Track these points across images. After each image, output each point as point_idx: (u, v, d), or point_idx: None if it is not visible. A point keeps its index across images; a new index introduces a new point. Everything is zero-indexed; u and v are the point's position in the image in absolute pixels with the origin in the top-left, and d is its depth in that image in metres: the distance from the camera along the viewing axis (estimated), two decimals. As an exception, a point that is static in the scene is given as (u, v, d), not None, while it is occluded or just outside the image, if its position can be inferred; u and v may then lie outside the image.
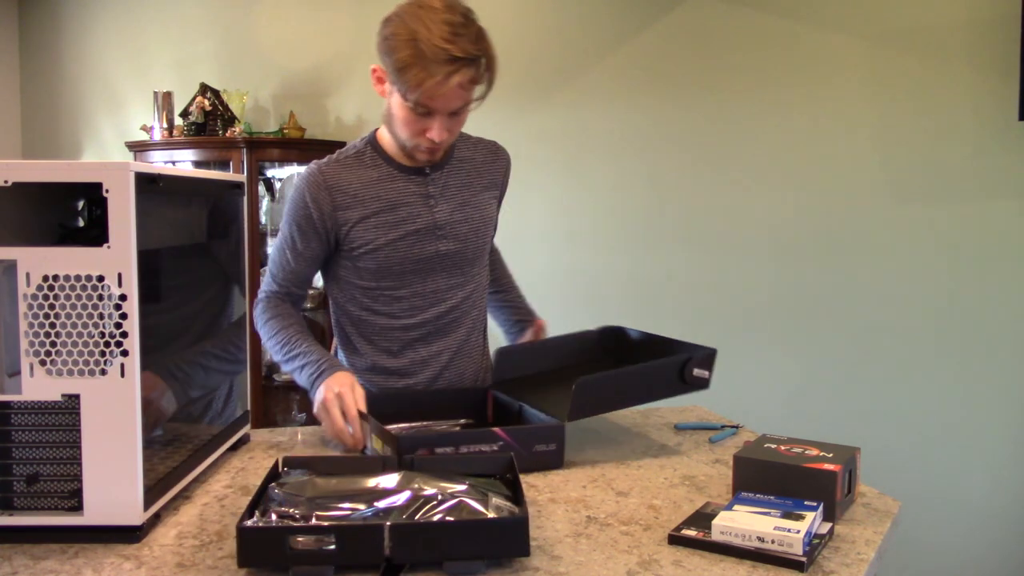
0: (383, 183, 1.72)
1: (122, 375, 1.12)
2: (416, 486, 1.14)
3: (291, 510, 1.09)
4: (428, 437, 1.44)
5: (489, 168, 1.85)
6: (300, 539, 1.03)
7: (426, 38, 1.50)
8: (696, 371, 1.54)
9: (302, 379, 1.65)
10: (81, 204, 1.27)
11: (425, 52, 1.50)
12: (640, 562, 1.10)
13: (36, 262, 1.11)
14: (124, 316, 1.12)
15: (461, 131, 1.81)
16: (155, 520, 1.20)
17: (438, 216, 1.74)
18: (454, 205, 1.76)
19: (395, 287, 1.74)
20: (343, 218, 1.70)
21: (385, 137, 1.75)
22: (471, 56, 1.54)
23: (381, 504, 1.10)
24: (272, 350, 1.73)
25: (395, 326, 1.77)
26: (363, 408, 1.54)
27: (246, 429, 1.63)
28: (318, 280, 1.85)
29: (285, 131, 4.01)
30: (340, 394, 1.54)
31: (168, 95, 4.15)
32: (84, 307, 1.12)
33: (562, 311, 3.61)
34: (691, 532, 1.15)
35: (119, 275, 1.11)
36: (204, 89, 4.09)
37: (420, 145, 1.66)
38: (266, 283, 1.79)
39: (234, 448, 1.57)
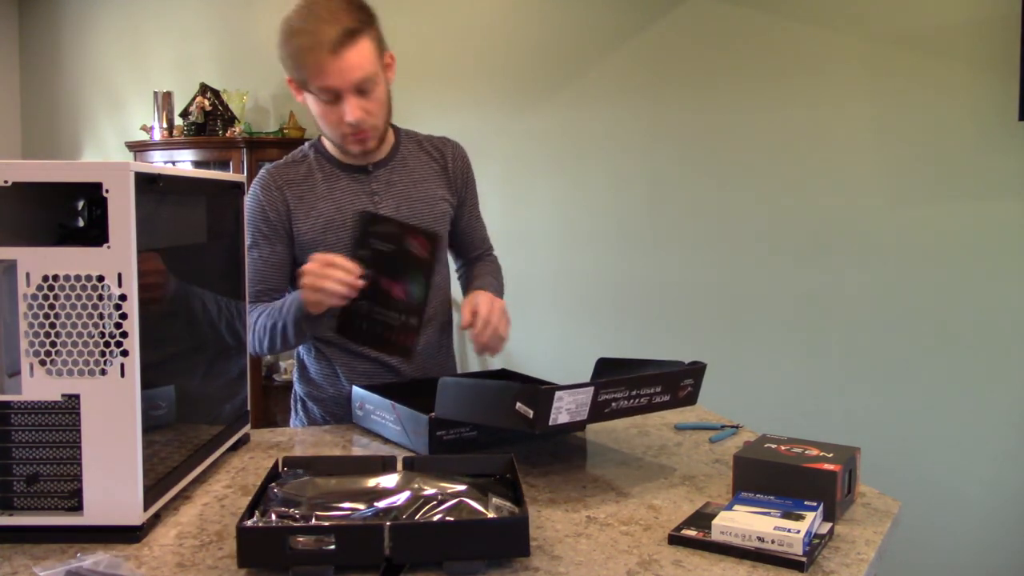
0: (328, 183, 1.76)
1: (122, 375, 1.12)
2: (416, 486, 1.14)
3: (291, 510, 1.09)
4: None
5: (436, 164, 1.86)
6: (300, 539, 1.03)
7: (291, 23, 1.58)
8: (519, 406, 1.30)
9: (293, 326, 1.64)
10: (81, 204, 1.27)
11: (294, 35, 1.58)
12: (640, 562, 1.10)
13: (36, 262, 1.11)
14: (124, 316, 1.12)
15: (411, 130, 1.86)
16: (155, 520, 1.20)
17: (382, 213, 1.75)
18: (399, 201, 1.78)
19: None
20: (295, 217, 1.74)
21: (327, 140, 1.79)
22: (338, 23, 1.57)
23: (381, 504, 1.10)
24: (264, 340, 1.71)
25: None
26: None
27: (246, 429, 1.63)
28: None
29: (285, 131, 4.01)
30: (308, 275, 1.55)
31: (168, 95, 4.16)
32: (84, 307, 1.12)
33: (559, 312, 3.62)
34: (691, 532, 1.15)
35: (119, 275, 1.11)
36: (204, 89, 4.09)
37: (345, 134, 1.68)
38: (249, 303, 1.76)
39: (234, 448, 1.57)
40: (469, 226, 1.93)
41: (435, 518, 1.08)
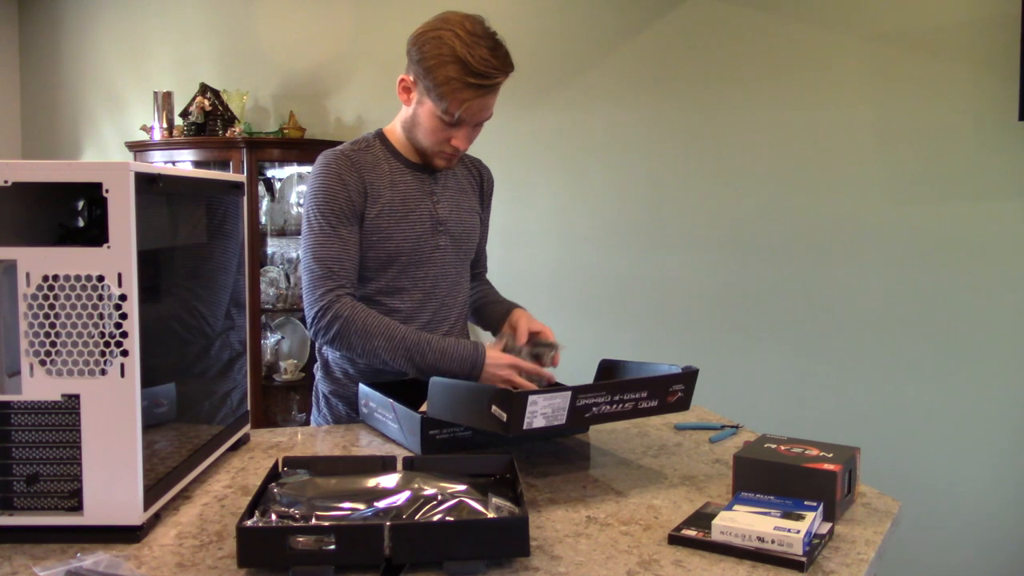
0: (393, 175, 1.82)
1: (122, 375, 1.12)
2: (416, 486, 1.14)
3: (291, 510, 1.09)
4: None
5: (475, 180, 1.98)
6: (300, 539, 1.03)
7: (467, 58, 1.64)
8: (494, 409, 1.31)
9: (450, 371, 1.66)
10: (81, 204, 1.27)
11: (469, 72, 1.64)
12: (640, 562, 1.10)
13: (36, 262, 1.11)
14: (124, 316, 1.12)
15: None
16: (155, 520, 1.20)
17: (440, 212, 1.84)
18: (452, 205, 1.88)
19: (394, 279, 1.81)
20: (369, 200, 1.77)
21: (395, 134, 1.85)
22: (507, 74, 1.69)
23: (381, 504, 1.10)
24: (392, 353, 1.66)
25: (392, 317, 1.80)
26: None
27: (246, 429, 1.63)
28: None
29: (285, 131, 4.01)
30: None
31: (168, 95, 4.15)
32: (84, 307, 1.12)
33: (559, 311, 3.62)
34: (691, 532, 1.15)
35: (119, 275, 1.11)
36: (204, 89, 4.09)
37: (443, 152, 1.79)
38: (323, 285, 1.70)
39: (234, 448, 1.57)
40: (479, 244, 2.04)
41: (435, 518, 1.08)
